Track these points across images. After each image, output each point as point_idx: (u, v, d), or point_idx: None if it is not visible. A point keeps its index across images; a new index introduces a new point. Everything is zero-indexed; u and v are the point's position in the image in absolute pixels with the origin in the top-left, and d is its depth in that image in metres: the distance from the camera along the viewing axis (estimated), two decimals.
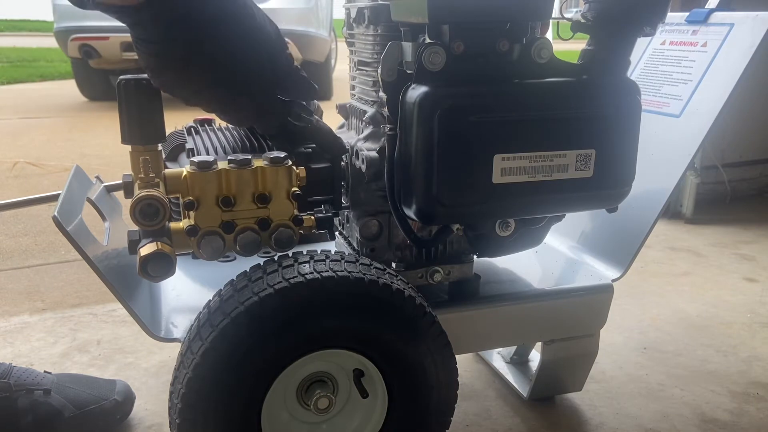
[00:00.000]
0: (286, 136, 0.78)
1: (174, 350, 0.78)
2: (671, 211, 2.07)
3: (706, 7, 1.05)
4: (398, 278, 0.73)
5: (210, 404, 0.66)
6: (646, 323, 1.38)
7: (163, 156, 0.80)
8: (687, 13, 1.06)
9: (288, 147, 0.77)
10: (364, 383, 0.73)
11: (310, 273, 0.67)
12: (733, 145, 2.16)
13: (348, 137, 0.89)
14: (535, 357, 1.12)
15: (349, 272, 0.68)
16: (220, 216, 0.71)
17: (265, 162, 0.72)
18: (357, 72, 0.90)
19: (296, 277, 0.67)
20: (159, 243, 0.67)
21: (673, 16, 1.08)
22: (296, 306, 0.66)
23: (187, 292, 0.92)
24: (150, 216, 0.68)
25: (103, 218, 0.89)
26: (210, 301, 0.70)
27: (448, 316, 0.83)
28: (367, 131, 0.84)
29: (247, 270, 0.71)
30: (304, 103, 0.76)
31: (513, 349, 1.14)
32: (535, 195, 0.76)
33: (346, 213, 0.91)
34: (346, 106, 0.96)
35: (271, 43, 0.70)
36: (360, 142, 0.83)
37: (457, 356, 0.76)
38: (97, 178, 0.95)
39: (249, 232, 0.72)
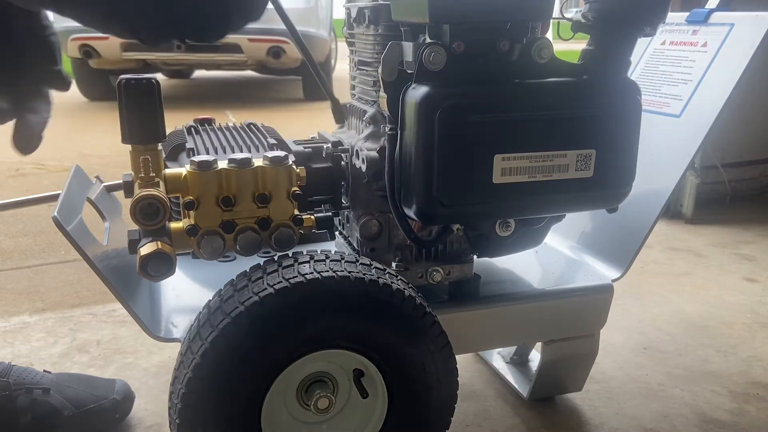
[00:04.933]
0: None
1: (174, 350, 0.78)
2: (671, 211, 2.06)
3: (706, 7, 1.05)
4: (398, 278, 0.73)
5: (210, 404, 0.66)
6: (646, 323, 1.38)
7: (164, 155, 0.80)
8: (687, 13, 1.06)
9: None
10: (364, 383, 0.73)
11: (310, 273, 0.67)
12: (733, 145, 2.15)
13: (348, 137, 0.89)
14: (535, 357, 1.12)
15: (350, 272, 0.68)
16: (220, 216, 0.71)
17: (266, 162, 0.72)
18: (357, 72, 0.90)
19: (296, 277, 0.66)
20: (159, 242, 0.67)
21: (673, 16, 1.08)
22: (296, 306, 0.66)
23: (187, 292, 0.92)
24: (150, 215, 0.68)
25: (103, 218, 0.88)
26: (210, 301, 0.70)
27: (448, 316, 0.83)
28: (367, 131, 0.84)
29: (247, 270, 0.71)
30: None
31: (513, 349, 1.14)
32: (535, 195, 0.76)
33: (346, 213, 0.91)
34: (347, 106, 0.96)
35: None
36: (360, 142, 0.83)
37: (457, 356, 0.76)
38: (97, 178, 0.95)
39: (249, 231, 0.72)
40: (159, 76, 4.50)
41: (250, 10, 0.52)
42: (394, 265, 0.86)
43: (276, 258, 0.71)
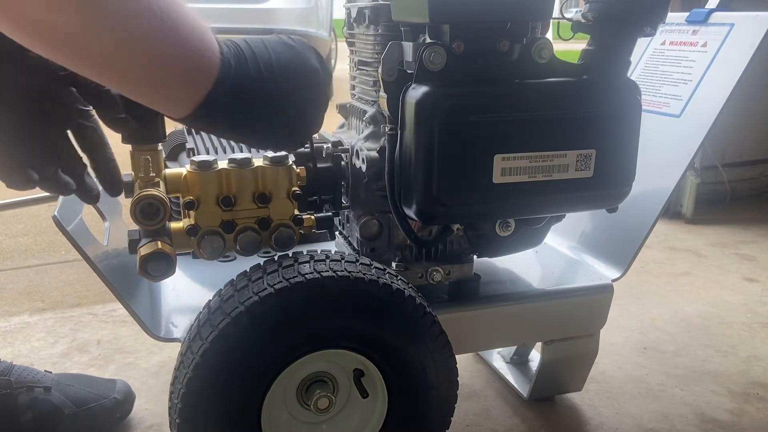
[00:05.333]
0: None
1: (174, 350, 0.77)
2: (671, 211, 2.06)
3: (706, 7, 1.05)
4: (398, 278, 0.73)
5: (210, 404, 0.66)
6: (646, 323, 1.38)
7: (164, 155, 0.80)
8: (687, 13, 1.06)
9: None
10: (364, 383, 0.73)
11: (310, 273, 0.67)
12: (733, 145, 2.15)
13: (348, 137, 0.89)
14: (535, 357, 1.12)
15: (349, 272, 0.68)
16: (220, 215, 0.71)
17: (266, 162, 0.72)
18: (357, 72, 0.90)
19: (296, 277, 0.66)
20: (159, 242, 0.67)
21: (673, 16, 1.08)
22: (296, 306, 0.66)
23: (187, 292, 0.92)
24: (150, 215, 0.68)
25: (103, 218, 0.89)
26: (210, 301, 0.70)
27: (448, 316, 0.83)
28: (367, 131, 0.84)
29: (247, 270, 0.71)
30: None
31: (513, 349, 1.14)
32: (535, 195, 0.76)
33: (346, 213, 0.91)
34: (346, 106, 0.96)
35: None
36: (360, 142, 0.83)
37: (457, 356, 0.76)
38: None
39: (249, 231, 0.72)
40: None
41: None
42: (394, 265, 0.86)
43: (276, 258, 0.72)
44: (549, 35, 0.80)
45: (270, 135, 0.63)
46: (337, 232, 0.96)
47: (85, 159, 0.70)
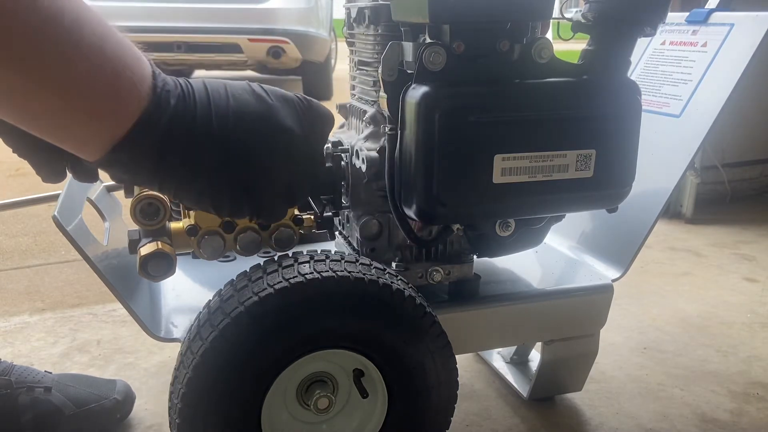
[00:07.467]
0: None
1: (174, 350, 0.78)
2: (671, 211, 2.07)
3: (706, 7, 1.05)
4: (398, 278, 0.73)
5: (210, 404, 0.66)
6: (646, 323, 1.38)
7: None
8: (687, 13, 1.06)
9: None
10: (364, 383, 0.73)
11: (310, 273, 0.67)
12: (733, 145, 2.15)
13: (348, 137, 0.89)
14: (535, 357, 1.12)
15: (349, 272, 0.68)
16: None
17: None
18: (357, 72, 0.90)
19: (296, 277, 0.66)
20: (159, 242, 0.67)
21: (673, 16, 1.08)
22: (296, 306, 0.66)
23: (187, 292, 0.92)
24: (150, 215, 0.68)
25: (103, 218, 0.89)
26: (210, 301, 0.70)
27: (448, 316, 0.83)
28: (367, 131, 0.84)
29: (247, 270, 0.71)
30: None
31: (513, 349, 1.14)
32: (535, 195, 0.76)
33: (346, 213, 0.91)
34: (346, 106, 0.96)
35: None
36: (360, 142, 0.83)
37: (457, 356, 0.76)
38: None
39: (249, 231, 0.72)
40: None
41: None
42: (394, 265, 0.86)
43: (276, 258, 0.72)
44: (549, 35, 0.80)
45: (220, 200, 0.55)
46: (337, 232, 0.96)
47: None
